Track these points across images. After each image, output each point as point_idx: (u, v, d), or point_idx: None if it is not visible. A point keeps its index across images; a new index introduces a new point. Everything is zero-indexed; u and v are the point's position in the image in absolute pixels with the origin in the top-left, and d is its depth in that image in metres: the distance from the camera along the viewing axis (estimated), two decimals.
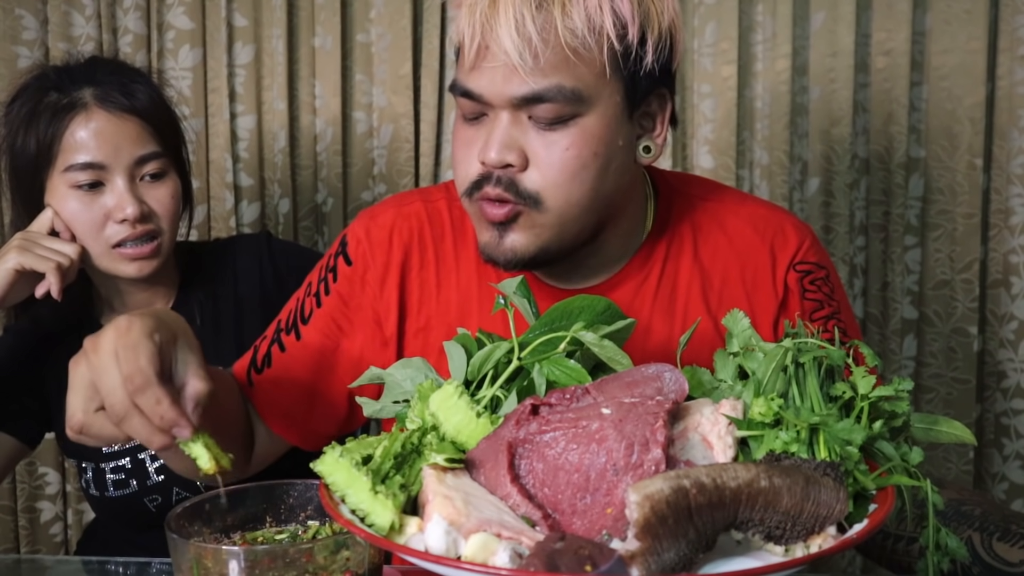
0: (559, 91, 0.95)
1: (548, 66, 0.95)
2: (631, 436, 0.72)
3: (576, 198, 0.99)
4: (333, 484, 0.75)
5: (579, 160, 0.98)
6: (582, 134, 0.98)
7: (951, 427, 0.83)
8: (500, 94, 0.97)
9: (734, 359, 0.86)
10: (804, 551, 0.68)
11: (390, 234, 1.15)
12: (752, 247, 1.13)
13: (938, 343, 1.91)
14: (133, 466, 1.39)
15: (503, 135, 0.97)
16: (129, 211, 1.31)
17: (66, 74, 1.36)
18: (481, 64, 0.97)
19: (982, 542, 0.96)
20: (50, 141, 1.31)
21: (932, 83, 1.87)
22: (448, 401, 0.82)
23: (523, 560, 0.66)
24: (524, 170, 0.98)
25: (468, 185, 1.01)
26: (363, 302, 1.15)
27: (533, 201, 0.99)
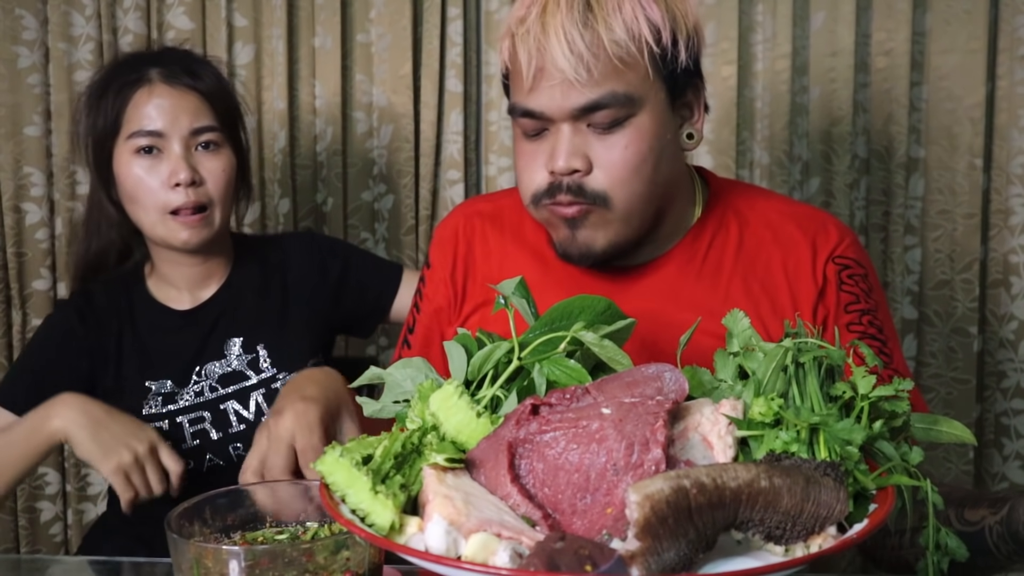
0: (613, 97, 1.06)
1: (600, 76, 1.05)
2: (631, 436, 0.72)
3: (639, 192, 1.10)
4: (333, 484, 0.75)
5: (638, 156, 1.08)
6: (637, 133, 1.08)
7: (951, 427, 0.83)
8: (560, 108, 1.07)
9: (734, 359, 0.86)
10: (804, 551, 0.68)
11: (455, 232, 1.30)
12: (794, 240, 1.19)
13: (938, 343, 1.91)
14: (171, 428, 1.45)
15: (567, 144, 1.08)
16: (182, 176, 1.41)
17: (136, 58, 1.51)
18: (540, 84, 1.07)
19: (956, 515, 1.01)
20: (117, 112, 1.44)
21: (932, 83, 1.87)
22: (448, 401, 0.82)
23: (523, 560, 0.66)
24: (589, 173, 1.09)
25: (536, 194, 1.12)
26: (444, 297, 1.29)
27: (602, 200, 1.09)
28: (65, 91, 1.96)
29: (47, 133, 1.99)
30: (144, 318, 1.51)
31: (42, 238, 1.99)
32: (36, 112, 1.97)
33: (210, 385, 1.48)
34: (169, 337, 1.50)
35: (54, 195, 1.99)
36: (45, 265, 1.99)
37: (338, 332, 1.65)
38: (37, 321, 1.99)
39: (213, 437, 1.46)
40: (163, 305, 1.52)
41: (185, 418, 1.46)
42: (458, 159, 1.97)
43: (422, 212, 1.97)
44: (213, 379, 1.48)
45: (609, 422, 0.73)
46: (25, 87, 1.97)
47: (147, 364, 1.48)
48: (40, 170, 1.99)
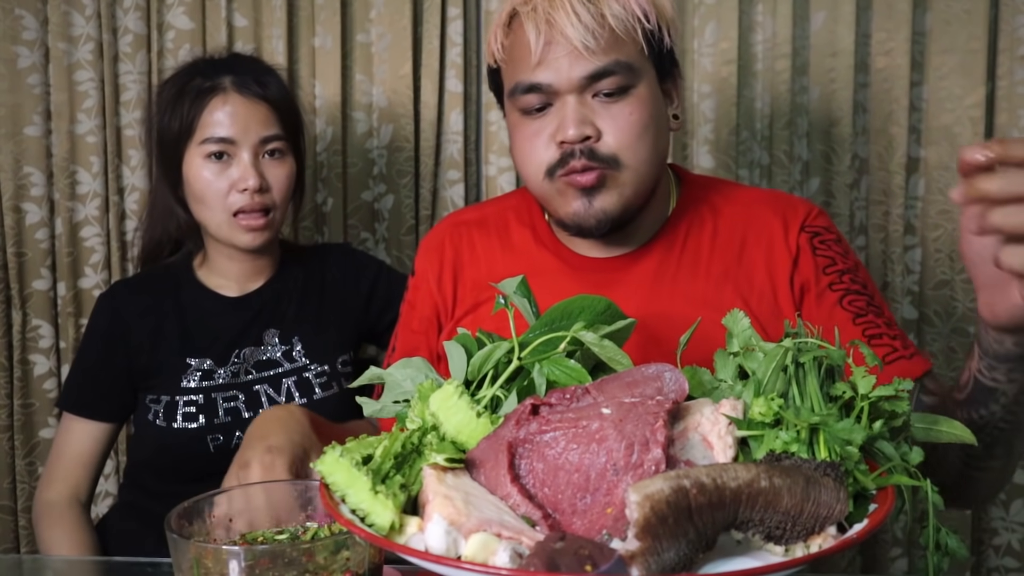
0: (618, 64, 1.14)
1: (606, 46, 1.13)
2: (631, 436, 0.72)
3: (645, 155, 1.16)
4: (333, 484, 0.75)
5: (642, 122, 1.15)
6: (639, 101, 1.16)
7: (951, 427, 0.83)
8: (569, 79, 1.13)
9: (734, 359, 0.86)
10: (804, 551, 0.68)
11: (441, 240, 1.36)
12: (765, 219, 1.26)
13: (938, 343, 1.91)
14: (205, 402, 1.53)
15: (576, 114, 1.14)
16: (251, 182, 1.50)
17: (210, 64, 1.58)
18: (548, 57, 1.14)
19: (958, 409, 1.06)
20: (192, 118, 1.53)
21: (932, 83, 1.87)
22: (448, 401, 0.82)
23: (523, 560, 0.66)
24: (598, 140, 1.14)
25: (547, 167, 1.17)
26: (430, 306, 1.34)
27: (614, 162, 1.15)
28: (65, 91, 1.96)
29: (47, 133, 1.99)
30: (191, 301, 1.61)
31: (42, 238, 1.99)
32: (36, 112, 1.97)
33: (246, 368, 1.57)
34: (214, 319, 1.60)
35: (54, 195, 1.99)
36: (45, 265, 1.99)
37: (364, 339, 1.74)
38: (37, 321, 1.99)
39: (244, 416, 1.53)
40: (212, 291, 1.62)
41: (220, 395, 1.54)
42: (458, 159, 1.97)
43: (422, 212, 1.97)
44: (250, 363, 1.57)
45: (609, 422, 0.73)
46: (25, 87, 1.97)
47: (190, 342, 1.57)
48: (40, 170, 1.99)
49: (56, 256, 2.00)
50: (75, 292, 2.00)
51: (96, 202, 1.98)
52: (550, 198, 1.19)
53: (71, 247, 1.99)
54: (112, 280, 2.00)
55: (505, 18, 1.20)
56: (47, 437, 2.01)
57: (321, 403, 1.55)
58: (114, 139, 1.98)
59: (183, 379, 1.54)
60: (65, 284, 1.99)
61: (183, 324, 1.58)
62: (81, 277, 2.00)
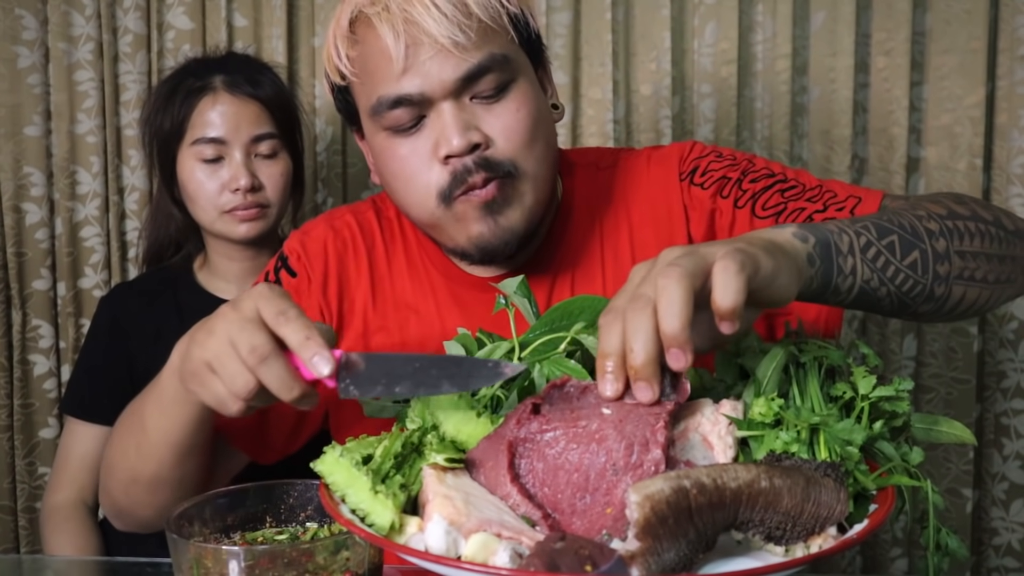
0: (493, 59, 0.99)
1: (476, 39, 0.98)
2: (631, 436, 0.72)
3: (540, 154, 1.04)
4: (333, 484, 0.75)
5: (530, 118, 1.02)
6: (522, 96, 1.02)
7: (951, 427, 0.83)
8: (441, 83, 0.98)
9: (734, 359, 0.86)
10: (804, 551, 0.68)
11: (324, 246, 1.16)
12: (646, 189, 1.14)
13: (938, 343, 1.91)
14: None
15: (458, 121, 0.99)
16: (243, 182, 1.50)
17: (202, 64, 1.58)
18: (413, 62, 0.98)
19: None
20: (182, 118, 1.53)
21: (932, 83, 1.87)
22: (448, 400, 0.82)
23: (523, 560, 0.66)
24: (487, 148, 1.00)
25: (439, 191, 1.01)
26: (310, 311, 1.14)
27: (512, 169, 1.01)
28: (65, 91, 1.96)
29: (47, 133, 1.99)
30: (190, 304, 1.59)
31: (42, 238, 1.99)
32: (36, 112, 1.97)
33: None
34: None
35: (54, 195, 1.99)
36: (45, 265, 1.99)
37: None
38: (37, 321, 1.99)
39: None
40: (211, 294, 1.61)
41: None
42: None
43: None
44: None
45: (609, 422, 0.73)
46: (25, 87, 1.97)
47: None
48: (40, 170, 1.99)
49: (56, 256, 2.00)
50: (75, 292, 2.00)
51: (96, 202, 1.98)
52: (444, 226, 1.03)
53: (71, 247, 1.99)
54: (112, 280, 2.00)
55: (346, 25, 1.03)
56: (47, 437, 2.01)
57: None
58: (114, 139, 1.98)
59: None
60: (65, 284, 1.99)
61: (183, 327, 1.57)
62: (81, 277, 2.00)
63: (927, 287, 0.90)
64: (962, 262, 0.93)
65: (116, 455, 1.06)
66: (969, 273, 0.94)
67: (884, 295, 0.88)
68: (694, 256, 0.72)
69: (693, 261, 0.72)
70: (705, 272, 0.72)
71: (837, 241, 0.84)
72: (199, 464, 1.03)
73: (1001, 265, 0.98)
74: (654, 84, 1.90)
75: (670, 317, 0.69)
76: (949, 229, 0.93)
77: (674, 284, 0.70)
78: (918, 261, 0.89)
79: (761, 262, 0.74)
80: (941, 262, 0.91)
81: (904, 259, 0.88)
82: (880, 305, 0.89)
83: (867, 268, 0.85)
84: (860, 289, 0.86)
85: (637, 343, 0.71)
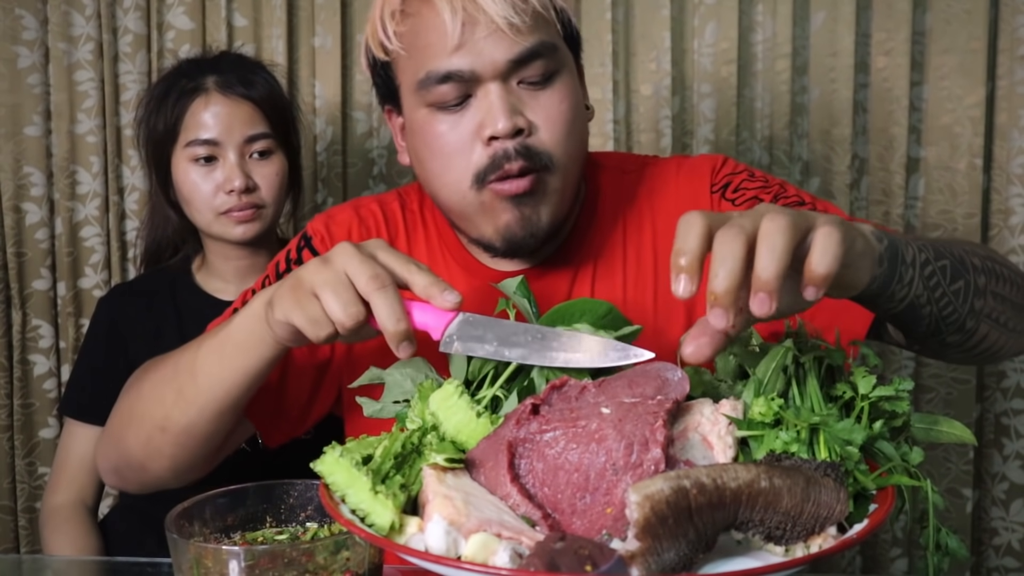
0: (544, 46, 1.00)
1: (531, 24, 0.99)
2: (631, 436, 0.72)
3: (574, 152, 1.04)
4: (333, 484, 0.75)
5: (572, 112, 1.03)
6: (566, 88, 1.03)
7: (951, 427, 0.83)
8: (493, 63, 0.99)
9: (734, 359, 0.86)
10: (804, 551, 0.68)
11: (348, 231, 1.17)
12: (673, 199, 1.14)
13: None
14: None
15: (505, 103, 0.99)
16: (237, 183, 1.49)
17: (195, 65, 1.57)
18: (467, 39, 0.98)
19: None
20: (175, 120, 1.53)
21: (932, 83, 1.87)
22: (448, 400, 0.82)
23: (523, 560, 0.66)
24: (530, 135, 1.01)
25: (476, 172, 1.01)
26: None
27: (548, 162, 1.01)
28: (65, 91, 1.96)
29: (47, 133, 1.99)
30: (189, 306, 1.59)
31: (42, 238, 1.99)
32: (36, 112, 1.97)
33: None
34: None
35: (54, 195, 1.99)
36: (45, 265, 1.99)
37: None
38: (37, 321, 1.99)
39: None
40: (210, 295, 1.61)
41: None
42: None
43: None
44: None
45: (608, 422, 0.73)
46: (25, 87, 1.97)
47: None
48: (40, 170, 1.99)
49: (56, 256, 2.00)
50: (75, 292, 2.00)
51: (96, 202, 1.98)
52: (472, 213, 1.04)
53: (71, 247, 1.99)
54: (112, 280, 2.00)
55: (397, 1, 1.04)
56: (47, 437, 2.01)
57: None
58: (114, 139, 1.98)
59: None
60: (65, 284, 1.99)
61: (181, 328, 1.57)
62: (81, 277, 2.00)
63: (962, 317, 0.91)
64: (994, 302, 0.95)
65: (145, 402, 1.05)
66: (996, 315, 0.96)
67: (927, 315, 0.88)
68: (799, 214, 0.70)
69: (799, 217, 0.70)
70: (806, 232, 0.70)
71: (903, 250, 0.83)
72: (230, 424, 1.03)
73: (1018, 315, 0.99)
74: (654, 84, 1.90)
75: (769, 261, 0.66)
76: (989, 269, 0.95)
77: (781, 230, 0.67)
78: (962, 290, 0.90)
79: (856, 241, 0.74)
80: (980, 297, 0.92)
81: (952, 285, 0.89)
82: (918, 323, 0.89)
83: (921, 284, 0.85)
84: (910, 303, 0.85)
85: (724, 268, 0.67)
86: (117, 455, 1.10)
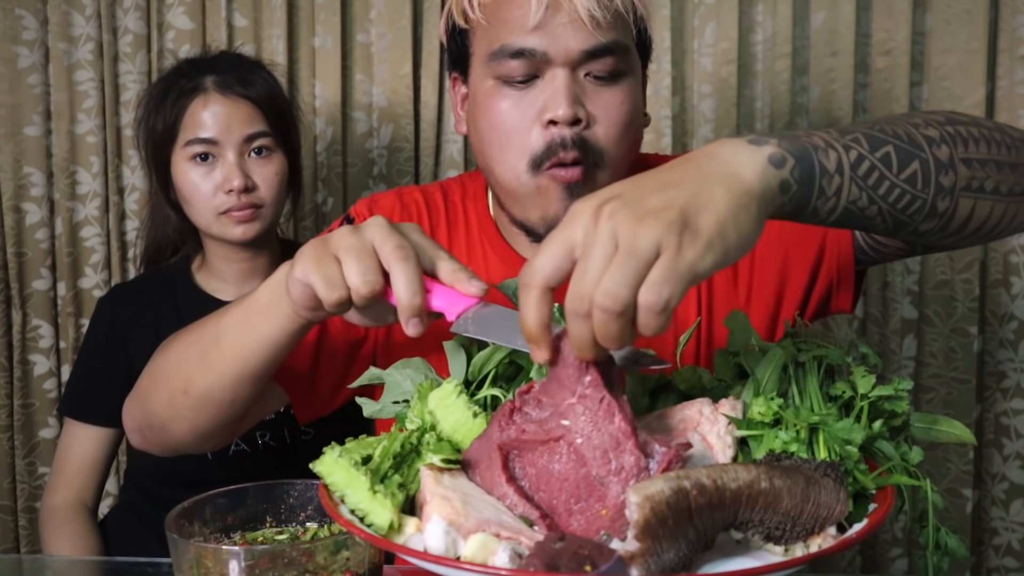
0: (618, 45, 1.03)
1: (610, 22, 1.02)
2: (601, 444, 0.71)
3: (626, 153, 1.06)
4: (332, 484, 0.75)
5: (629, 115, 1.05)
6: (628, 91, 1.05)
7: (951, 427, 0.82)
8: (567, 50, 1.02)
9: (734, 359, 0.86)
10: (804, 551, 0.68)
11: (391, 215, 1.18)
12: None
13: (938, 343, 1.91)
14: None
15: (569, 90, 1.02)
16: (236, 183, 1.49)
17: (193, 65, 1.58)
18: (546, 21, 1.01)
19: None
20: (174, 120, 1.53)
21: (932, 83, 1.87)
22: (447, 400, 0.82)
23: (523, 560, 0.66)
24: (587, 128, 1.03)
25: (533, 157, 1.03)
26: None
27: (599, 159, 1.04)
28: (65, 91, 1.96)
29: (47, 133, 1.99)
30: (189, 306, 1.59)
31: (42, 238, 1.99)
32: (36, 112, 1.97)
33: None
34: None
35: (54, 195, 1.99)
36: (45, 265, 1.99)
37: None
38: (37, 321, 1.99)
39: None
40: (210, 295, 1.61)
41: None
42: (458, 159, 1.96)
43: None
44: None
45: (576, 433, 0.72)
46: (25, 87, 1.97)
47: None
48: (40, 170, 1.99)
49: (56, 256, 2.00)
50: (75, 292, 2.00)
51: (96, 202, 1.98)
52: (524, 195, 1.06)
53: (71, 247, 1.99)
54: (112, 280, 2.00)
55: None
56: (47, 437, 2.01)
57: None
58: (114, 139, 1.98)
59: None
60: (65, 284, 1.99)
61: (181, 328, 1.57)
62: (81, 277, 2.00)
63: (928, 201, 0.80)
64: (968, 171, 0.82)
65: (170, 364, 1.06)
66: (978, 184, 0.83)
67: (875, 214, 0.79)
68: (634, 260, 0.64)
69: (632, 274, 0.64)
70: (646, 273, 0.65)
71: (823, 159, 0.75)
72: (251, 394, 1.03)
73: (1013, 174, 0.87)
74: (654, 84, 1.90)
75: (610, 344, 0.66)
76: (951, 135, 0.83)
77: (611, 322, 0.64)
78: (918, 173, 0.79)
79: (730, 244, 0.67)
80: (944, 172, 0.81)
81: (901, 173, 0.79)
82: (871, 224, 0.80)
83: (855, 186, 0.76)
84: (845, 210, 0.77)
85: (582, 342, 0.67)
86: (141, 415, 1.11)
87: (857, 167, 0.76)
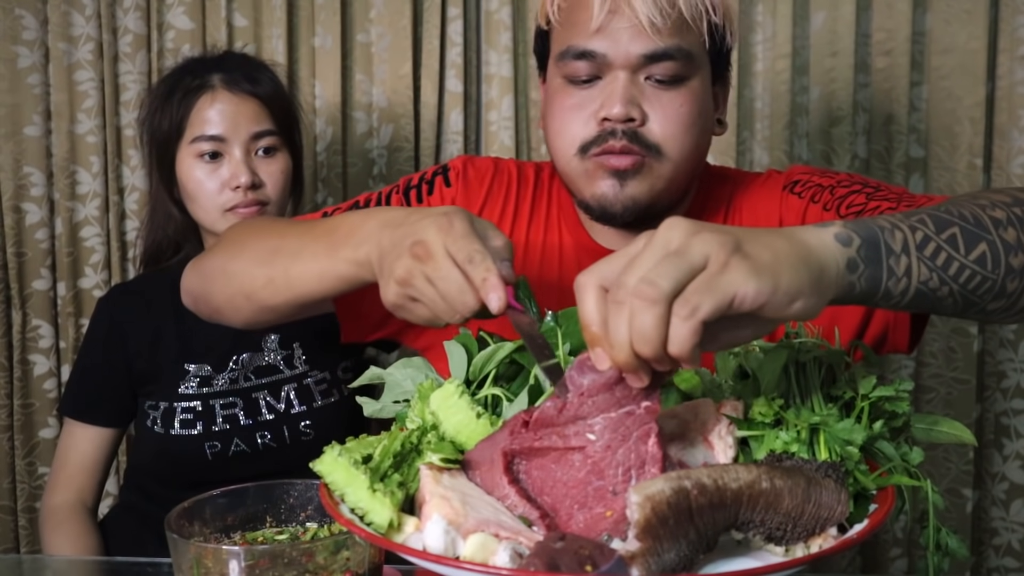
0: (678, 51, 1.07)
1: (671, 28, 1.06)
2: (626, 462, 0.71)
3: (688, 150, 1.10)
4: (332, 483, 0.75)
5: (690, 116, 1.09)
6: (691, 94, 1.09)
7: (951, 427, 0.83)
8: (627, 53, 1.06)
9: (734, 359, 0.86)
10: (804, 551, 0.68)
11: (483, 175, 1.24)
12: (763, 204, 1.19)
13: (938, 343, 1.91)
14: (203, 409, 1.51)
15: (626, 92, 1.07)
16: (243, 179, 1.49)
17: (200, 63, 1.58)
18: (609, 26, 1.06)
19: None
20: (181, 117, 1.52)
21: (932, 83, 1.87)
22: (448, 400, 0.82)
23: (523, 560, 0.66)
24: (642, 125, 1.08)
25: (581, 143, 1.09)
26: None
27: (656, 151, 1.08)
28: (65, 91, 1.96)
29: (47, 133, 1.99)
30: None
31: (42, 238, 1.99)
32: (36, 112, 1.97)
33: (245, 375, 1.54)
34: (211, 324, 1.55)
35: (54, 195, 1.99)
36: (45, 265, 1.99)
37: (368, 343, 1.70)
38: (37, 321, 1.99)
39: (242, 423, 1.51)
40: None
41: (218, 402, 1.52)
42: None
43: None
44: (249, 369, 1.55)
45: (599, 449, 0.72)
46: (25, 87, 1.97)
47: (187, 348, 1.55)
48: (40, 170, 1.99)
49: (56, 256, 2.00)
50: (75, 292, 2.00)
51: (96, 202, 1.98)
52: (576, 177, 1.12)
53: (71, 247, 1.99)
54: (112, 280, 2.00)
55: None
56: (47, 437, 2.01)
57: (321, 411, 1.54)
58: (114, 139, 1.98)
59: (180, 385, 1.52)
60: (65, 284, 1.99)
61: (180, 329, 1.56)
62: (81, 277, 2.00)
63: (998, 282, 0.81)
64: None
65: (240, 267, 1.07)
66: None
67: (946, 295, 0.79)
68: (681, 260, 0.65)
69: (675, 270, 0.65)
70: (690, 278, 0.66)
71: (888, 240, 0.76)
72: (311, 311, 1.09)
73: None
74: None
75: (640, 343, 0.65)
76: (1018, 217, 0.84)
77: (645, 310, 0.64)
78: (986, 254, 0.80)
79: (781, 282, 0.67)
80: (1014, 254, 0.82)
81: (969, 254, 0.79)
82: (942, 306, 0.81)
83: (924, 267, 0.77)
84: (917, 291, 0.77)
85: (616, 337, 0.66)
86: (200, 290, 1.15)
87: (924, 247, 0.77)
